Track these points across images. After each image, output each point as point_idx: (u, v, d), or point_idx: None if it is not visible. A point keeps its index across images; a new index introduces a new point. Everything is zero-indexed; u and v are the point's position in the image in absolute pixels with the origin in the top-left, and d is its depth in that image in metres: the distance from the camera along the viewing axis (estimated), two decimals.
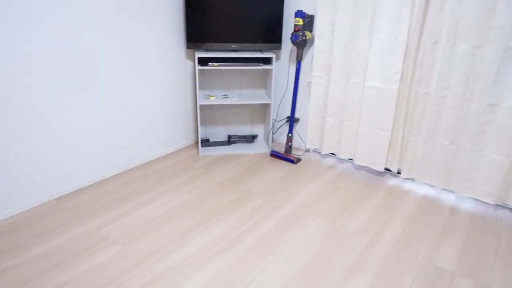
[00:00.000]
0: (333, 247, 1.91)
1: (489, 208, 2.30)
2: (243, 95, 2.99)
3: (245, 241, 1.93)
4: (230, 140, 3.16)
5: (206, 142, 3.12)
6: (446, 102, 2.24)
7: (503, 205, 2.30)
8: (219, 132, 3.19)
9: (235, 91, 3.07)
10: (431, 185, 2.52)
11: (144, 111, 2.66)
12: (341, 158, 2.86)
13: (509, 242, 1.99)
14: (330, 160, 2.92)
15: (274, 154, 2.96)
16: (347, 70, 2.57)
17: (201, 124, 3.10)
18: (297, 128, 3.09)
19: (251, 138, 3.19)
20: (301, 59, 2.75)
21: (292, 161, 2.86)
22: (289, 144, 2.95)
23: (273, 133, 3.24)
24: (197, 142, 3.18)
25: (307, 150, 3.08)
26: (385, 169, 2.68)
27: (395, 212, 2.23)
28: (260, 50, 2.87)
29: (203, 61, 2.74)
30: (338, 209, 2.25)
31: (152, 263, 1.76)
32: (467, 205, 2.33)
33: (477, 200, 2.37)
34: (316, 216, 2.17)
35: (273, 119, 3.18)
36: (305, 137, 3.04)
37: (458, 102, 2.19)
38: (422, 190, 2.49)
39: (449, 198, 2.40)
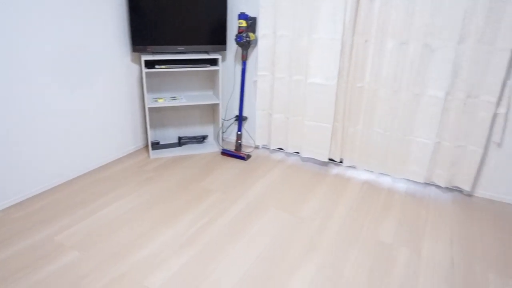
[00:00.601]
0: (287, 232, 2.04)
1: (419, 186, 2.59)
2: (191, 97, 3.05)
3: (205, 235, 2.00)
4: (181, 142, 3.19)
5: (156, 145, 3.12)
6: (379, 94, 2.49)
7: (430, 183, 2.60)
8: (169, 135, 3.21)
9: (183, 93, 3.11)
10: (370, 171, 2.78)
11: (91, 116, 2.61)
12: (289, 152, 3.03)
13: (435, 213, 2.27)
14: (279, 155, 3.08)
15: (225, 152, 3.05)
16: (290, 69, 2.74)
17: (151, 127, 3.10)
18: (246, 126, 3.21)
19: (202, 139, 3.25)
20: (246, 59, 2.87)
21: (242, 158, 2.97)
22: (239, 142, 3.06)
23: (222, 132, 3.33)
24: (147, 146, 3.17)
25: (257, 147, 3.21)
26: (329, 159, 2.89)
27: (340, 197, 2.44)
28: (206, 52, 2.95)
29: (150, 64, 2.75)
30: (290, 198, 2.40)
31: (113, 264, 1.77)
32: (401, 185, 2.60)
33: (409, 180, 2.66)
34: (271, 206, 2.30)
35: (222, 119, 3.27)
36: (254, 134, 3.17)
37: (389, 93, 2.45)
38: (363, 175, 2.73)
39: (386, 181, 2.66)
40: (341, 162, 2.87)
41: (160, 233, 2.01)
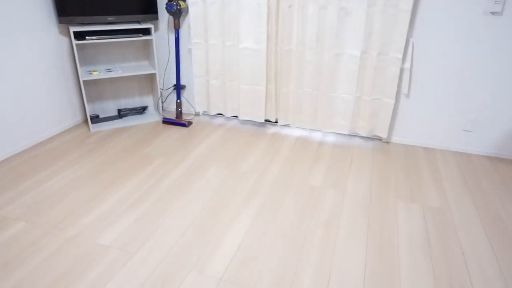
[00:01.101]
0: (229, 185, 2.24)
1: (345, 138, 2.91)
2: (127, 68, 3.06)
3: (152, 194, 2.13)
4: (121, 114, 3.21)
5: (96, 119, 3.12)
6: (305, 56, 2.71)
7: (354, 134, 2.93)
8: (108, 108, 3.21)
9: (118, 65, 3.11)
10: (302, 128, 3.04)
11: (22, 92, 2.55)
12: (228, 116, 3.20)
13: (358, 160, 2.59)
14: (219, 120, 3.23)
15: (166, 121, 3.14)
16: (222, 35, 2.86)
17: (89, 101, 3.08)
18: (185, 94, 3.30)
19: (142, 109, 3.29)
20: (179, 27, 2.93)
21: (184, 125, 3.09)
22: (179, 109, 3.16)
23: (162, 102, 3.40)
24: (86, 120, 3.15)
25: (197, 114, 3.33)
26: (266, 120, 3.10)
27: (277, 152, 2.67)
28: (138, 22, 2.95)
29: (79, 36, 2.71)
30: (230, 157, 2.59)
31: (62, 228, 1.85)
32: (330, 138, 2.90)
33: (337, 133, 2.97)
34: (213, 165, 2.47)
35: (161, 89, 3.32)
36: (193, 101, 3.27)
37: (313, 55, 2.68)
38: (296, 133, 2.99)
39: (317, 135, 2.94)
40: (276, 122, 3.10)
41: (108, 196, 2.10)
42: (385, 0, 2.38)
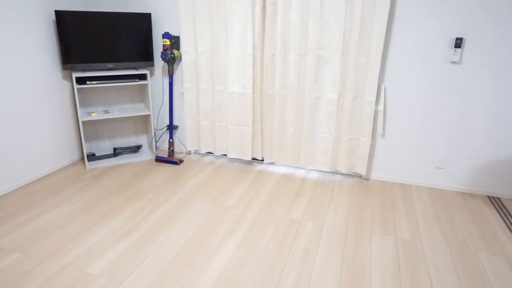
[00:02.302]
0: (214, 218, 2.38)
1: (327, 175, 3.08)
2: (123, 109, 3.29)
3: (142, 226, 2.26)
4: (116, 152, 3.39)
5: (92, 157, 3.30)
6: (287, 99, 2.95)
7: (335, 171, 3.11)
8: (104, 146, 3.40)
9: (116, 106, 3.33)
10: (287, 165, 3.22)
11: (25, 132, 2.75)
12: (218, 154, 3.38)
13: (338, 195, 2.75)
14: (209, 158, 3.41)
15: (159, 159, 3.32)
16: (212, 80, 3.12)
17: (86, 140, 3.27)
18: (177, 134, 3.51)
19: (136, 148, 3.48)
20: (172, 73, 3.19)
21: (175, 163, 3.26)
22: (171, 148, 3.35)
23: (155, 141, 3.59)
24: (83, 158, 3.33)
25: (188, 153, 3.52)
26: (252, 158, 3.29)
27: (262, 188, 2.83)
28: (135, 68, 3.22)
29: (81, 81, 2.96)
30: (218, 192, 2.75)
31: (55, 259, 1.96)
32: (313, 175, 3.07)
33: (319, 170, 3.15)
34: (201, 200, 2.62)
35: (154, 129, 3.53)
36: (185, 141, 3.47)
37: (295, 98, 2.92)
38: (281, 170, 3.17)
39: (300, 173, 3.12)
40: (262, 160, 3.28)
41: (100, 229, 2.23)
42: (357, 49, 2.65)
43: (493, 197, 2.78)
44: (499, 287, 1.83)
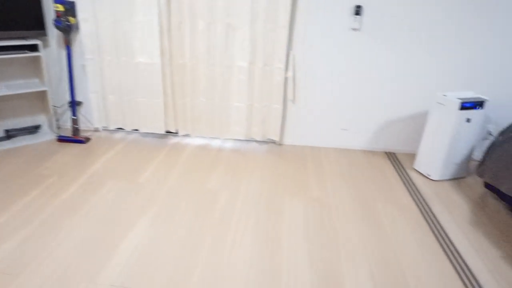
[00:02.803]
0: (126, 197, 2.27)
1: (242, 143, 3.13)
2: (13, 86, 2.91)
3: (43, 213, 2.07)
4: (9, 134, 3.02)
5: None
6: (198, 68, 2.88)
7: (250, 139, 3.16)
8: None
9: (4, 83, 2.93)
10: (202, 137, 3.19)
11: None
12: (129, 130, 3.21)
13: (253, 162, 2.81)
14: (120, 134, 3.22)
15: (62, 139, 3.04)
16: (116, 50, 2.89)
17: None
18: (81, 111, 3.23)
19: (34, 129, 3.14)
20: (70, 43, 2.89)
21: (81, 142, 3.02)
22: (75, 126, 3.09)
23: (57, 120, 3.27)
24: None
25: (96, 130, 3.28)
26: (166, 131, 3.19)
27: (177, 161, 2.77)
28: (24, 38, 2.84)
29: None
30: (130, 169, 2.62)
31: None
32: (229, 145, 3.09)
33: (234, 139, 3.17)
34: (111, 178, 2.48)
35: (54, 106, 3.20)
36: (92, 117, 3.22)
37: (206, 67, 2.86)
38: (197, 141, 3.13)
39: (216, 143, 3.11)
40: (177, 132, 3.20)
41: None
42: (265, 17, 2.66)
43: (389, 152, 3.09)
44: (392, 229, 2.07)
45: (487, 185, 2.46)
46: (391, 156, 3.03)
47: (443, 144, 2.55)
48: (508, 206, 2.36)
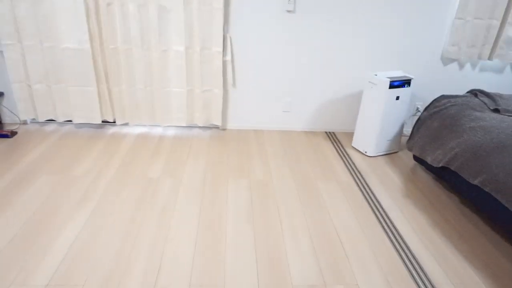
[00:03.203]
0: (60, 192, 2.14)
1: (185, 130, 3.07)
2: None
3: None
4: None
5: None
6: (132, 54, 2.74)
7: (192, 125, 3.11)
8: None
9: None
10: (142, 125, 3.08)
11: None
12: (61, 121, 3.00)
13: (196, 148, 2.78)
14: (51, 126, 3.01)
15: None
16: (38, 35, 2.65)
17: None
18: (4, 102, 2.96)
19: None
20: None
21: (6, 136, 2.78)
22: None
23: None
24: None
25: (24, 123, 3.03)
26: (103, 121, 3.03)
27: (115, 152, 2.65)
28: None
29: None
30: (64, 162, 2.46)
31: None
32: (170, 132, 3.01)
33: (176, 126, 3.10)
34: (43, 174, 2.31)
35: None
36: (16, 109, 2.96)
37: (141, 52, 2.73)
38: (136, 130, 3.01)
39: (157, 131, 3.02)
40: (114, 122, 3.05)
41: None
42: None
43: (329, 132, 3.21)
44: (331, 205, 2.16)
45: (416, 158, 2.65)
46: (331, 136, 3.14)
47: (376, 122, 2.69)
48: (434, 177, 2.57)
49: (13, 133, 2.81)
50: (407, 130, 3.19)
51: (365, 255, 1.79)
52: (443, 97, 2.53)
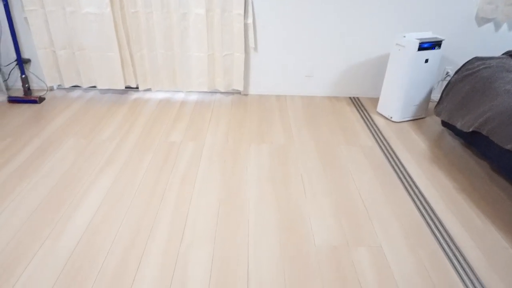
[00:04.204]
0: (86, 157, 2.20)
1: (207, 95, 3.06)
2: None
3: (2, 173, 1.98)
4: None
5: None
6: (153, 17, 2.71)
7: (214, 90, 3.09)
8: None
9: None
10: (164, 91, 3.08)
11: None
12: (86, 87, 3.05)
13: (218, 113, 2.77)
14: (76, 92, 3.06)
15: (13, 100, 2.85)
16: (60, 0, 2.65)
17: None
18: (31, 69, 3.02)
19: None
20: None
21: (34, 102, 2.85)
22: (26, 85, 2.89)
23: (5, 80, 3.05)
24: None
25: (51, 89, 3.09)
26: (126, 87, 3.05)
27: (138, 117, 2.68)
28: None
29: None
30: (90, 127, 2.52)
31: None
32: (192, 97, 3.01)
33: (198, 92, 3.09)
34: (69, 139, 2.37)
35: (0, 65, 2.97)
36: (43, 76, 3.02)
37: (161, 15, 2.69)
38: (159, 96, 3.03)
39: (179, 96, 3.03)
40: (137, 87, 3.07)
41: None
42: None
43: (354, 97, 3.12)
44: (355, 169, 2.14)
45: (444, 124, 2.56)
46: (355, 101, 3.06)
47: (403, 86, 2.59)
48: (463, 143, 2.48)
49: (40, 99, 2.88)
50: (436, 96, 3.07)
51: (388, 218, 1.77)
52: (476, 59, 2.39)
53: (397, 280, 1.45)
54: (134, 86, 3.03)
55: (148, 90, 3.09)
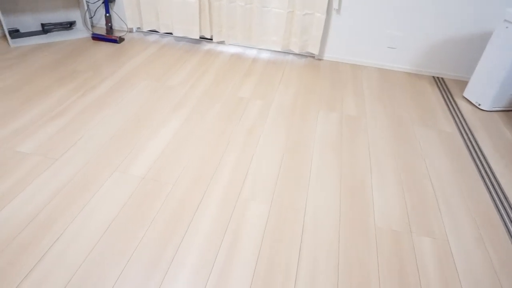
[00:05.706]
0: (157, 97, 2.25)
1: (279, 55, 2.96)
2: None
3: (77, 106, 2.10)
4: (45, 29, 2.99)
5: (16, 33, 2.89)
6: None
7: (287, 51, 2.98)
8: (28, 22, 2.96)
9: None
10: (238, 45, 3.03)
11: None
12: (163, 33, 3.09)
13: (289, 75, 2.68)
14: (153, 37, 3.12)
15: (96, 37, 2.98)
16: None
17: (3, 11, 2.81)
18: (115, 8, 3.11)
19: (69, 25, 3.08)
20: None
21: (115, 41, 2.95)
22: (109, 24, 2.99)
23: (90, 17, 3.18)
24: (4, 36, 2.91)
25: (130, 30, 3.18)
26: (201, 37, 3.04)
27: (209, 67, 2.68)
28: None
29: None
30: (162, 71, 2.57)
31: None
32: (265, 55, 2.93)
33: (271, 50, 3.00)
34: (143, 79, 2.44)
35: (87, 2, 3.09)
36: (125, 17, 3.10)
37: None
38: (231, 49, 2.98)
39: (251, 52, 2.96)
40: (211, 39, 3.05)
41: (29, 109, 2.05)
42: None
43: (438, 77, 2.84)
44: (428, 153, 1.96)
45: None
46: (439, 81, 2.79)
47: (502, 70, 2.28)
48: None
49: (120, 39, 2.98)
50: None
51: (460, 211, 1.62)
52: None
53: (461, 278, 1.33)
54: (208, 37, 3.01)
55: (221, 42, 3.05)
